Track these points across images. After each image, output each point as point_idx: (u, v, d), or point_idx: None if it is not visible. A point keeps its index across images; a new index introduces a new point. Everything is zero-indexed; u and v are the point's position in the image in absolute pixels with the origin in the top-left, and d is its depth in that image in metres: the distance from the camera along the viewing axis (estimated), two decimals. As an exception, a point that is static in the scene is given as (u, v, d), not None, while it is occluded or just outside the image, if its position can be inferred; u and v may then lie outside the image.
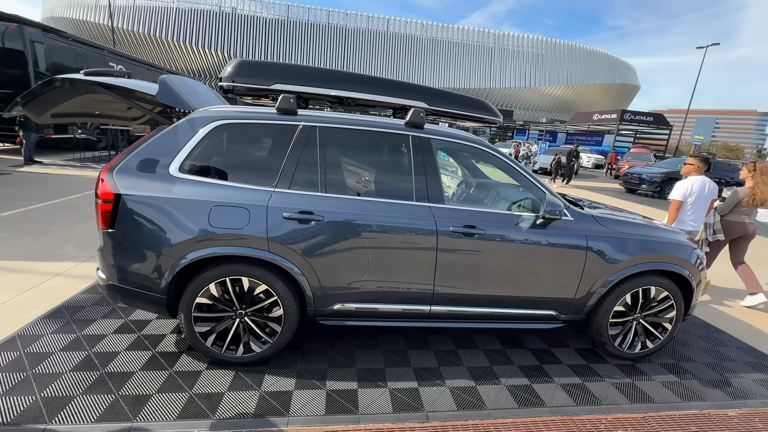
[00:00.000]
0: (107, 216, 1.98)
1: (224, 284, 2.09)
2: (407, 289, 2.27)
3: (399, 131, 2.30)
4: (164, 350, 2.31)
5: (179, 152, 2.10)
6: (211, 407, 1.88)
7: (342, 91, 2.38)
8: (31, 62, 9.50)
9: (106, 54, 12.41)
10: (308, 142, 2.20)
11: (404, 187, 2.31)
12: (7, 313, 2.57)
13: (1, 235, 3.94)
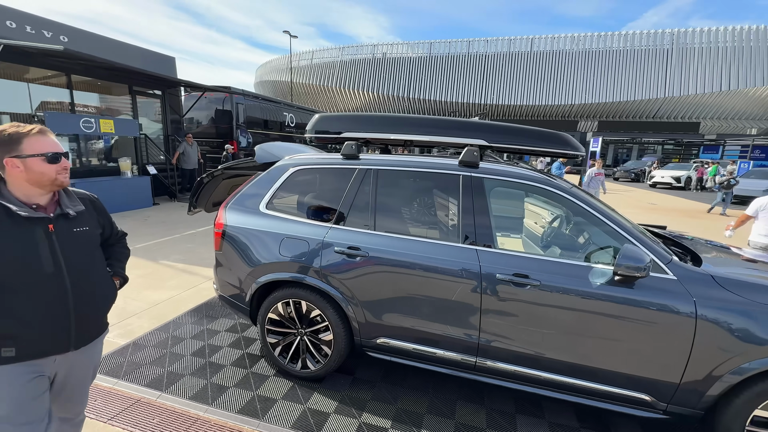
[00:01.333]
0: (217, 240, 2.64)
1: (289, 305, 2.46)
2: (449, 334, 2.16)
3: (449, 171, 2.28)
4: (251, 352, 2.83)
5: (267, 192, 2.62)
6: (263, 409, 2.21)
7: (401, 134, 2.53)
8: (235, 118, 13.07)
9: (281, 106, 15.98)
10: (363, 183, 2.41)
11: (451, 228, 2.25)
12: (174, 304, 3.61)
13: (189, 245, 5.54)
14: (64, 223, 1.33)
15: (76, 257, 1.34)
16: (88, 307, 1.36)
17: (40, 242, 1.26)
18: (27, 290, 1.23)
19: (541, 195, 2.23)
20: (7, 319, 1.21)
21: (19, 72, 7.45)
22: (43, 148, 1.25)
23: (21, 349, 1.23)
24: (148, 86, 9.75)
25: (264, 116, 14.73)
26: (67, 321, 1.30)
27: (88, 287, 1.36)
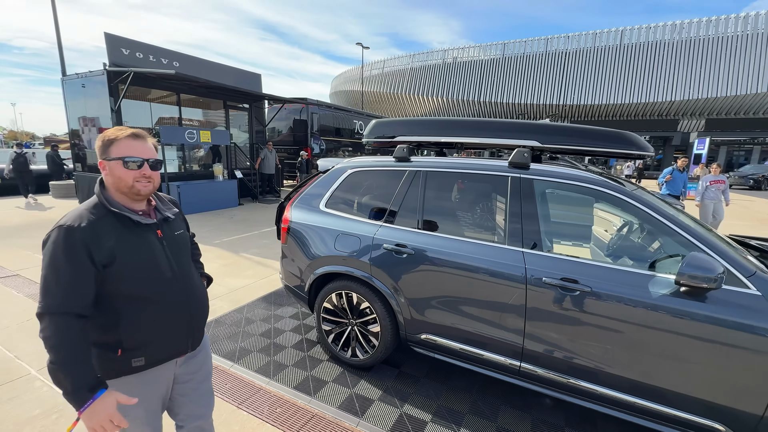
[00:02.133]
0: (283, 235, 2.96)
1: (342, 296, 2.66)
2: (492, 336, 2.15)
3: (498, 172, 2.28)
4: (309, 338, 3.10)
5: (327, 192, 2.88)
6: (315, 388, 2.43)
7: (451, 137, 2.59)
8: (309, 126, 14.13)
9: (351, 114, 16.83)
10: (413, 184, 2.52)
11: (497, 229, 2.24)
12: (249, 291, 4.10)
13: (266, 241, 6.18)
14: (167, 228, 1.31)
15: (182, 260, 1.33)
16: (199, 307, 1.36)
17: (156, 248, 1.24)
18: (155, 298, 1.22)
19: (597, 198, 2.10)
20: (139, 330, 1.19)
21: (143, 93, 9.07)
22: (124, 152, 1.16)
23: (149, 356, 1.22)
24: (239, 101, 11.08)
25: (336, 124, 15.66)
26: (186, 324, 1.31)
27: (195, 289, 1.36)
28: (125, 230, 1.17)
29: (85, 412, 1.03)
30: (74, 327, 1.06)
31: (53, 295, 1.05)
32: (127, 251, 1.15)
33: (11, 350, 2.76)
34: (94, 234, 1.10)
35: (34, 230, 6.54)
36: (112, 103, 7.82)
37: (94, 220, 1.12)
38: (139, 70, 7.34)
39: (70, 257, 1.06)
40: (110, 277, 1.13)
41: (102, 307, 1.14)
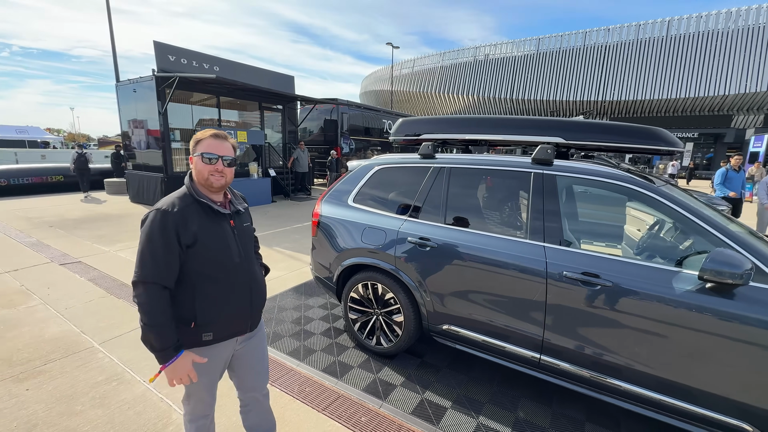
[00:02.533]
0: (314, 228, 3.14)
1: (367, 287, 2.80)
2: (512, 328, 2.20)
3: (521, 168, 2.32)
4: (337, 327, 3.27)
5: (355, 188, 3.02)
6: (342, 372, 2.59)
7: (475, 135, 2.65)
8: (340, 126, 14.44)
9: (380, 114, 17.00)
10: (437, 180, 2.61)
11: (519, 224, 2.29)
12: (281, 282, 4.34)
13: (297, 236, 6.46)
14: (238, 219, 1.47)
15: (248, 249, 1.49)
16: (259, 293, 1.51)
17: (229, 235, 1.40)
18: (224, 279, 1.37)
19: (623, 194, 2.09)
20: (210, 306, 1.34)
21: (185, 97, 9.68)
22: (205, 149, 1.35)
23: (217, 332, 1.38)
24: (273, 102, 11.54)
25: (365, 124, 15.89)
26: (249, 305, 1.46)
27: (256, 275, 1.52)
28: (206, 217, 1.35)
29: (168, 368, 1.26)
30: (163, 296, 1.26)
31: (147, 267, 1.24)
32: (206, 235, 1.33)
33: (77, 326, 3.13)
34: (182, 218, 1.28)
35: (92, 222, 7.20)
36: (159, 106, 8.43)
37: (183, 206, 1.31)
38: (183, 75, 7.87)
39: (162, 236, 1.25)
40: (191, 256, 1.31)
41: (182, 284, 1.32)
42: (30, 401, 2.21)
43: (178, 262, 1.29)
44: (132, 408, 2.18)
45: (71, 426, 2.03)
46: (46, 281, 4.09)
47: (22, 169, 10.99)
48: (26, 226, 6.70)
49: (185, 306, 1.33)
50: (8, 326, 3.09)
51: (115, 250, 5.40)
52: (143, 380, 2.43)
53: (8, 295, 3.69)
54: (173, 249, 1.26)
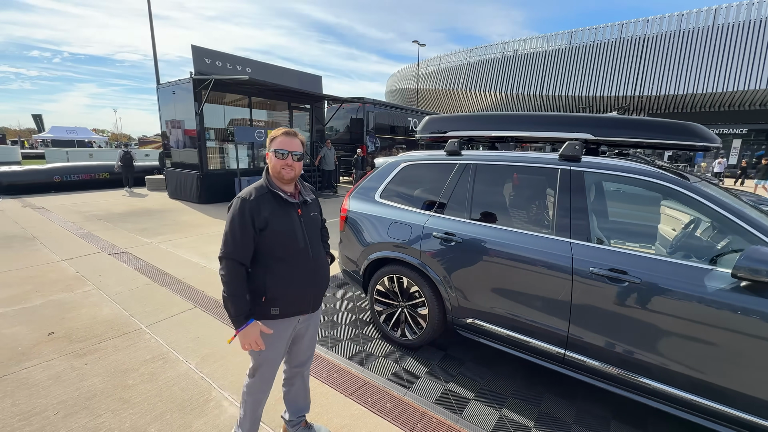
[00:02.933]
0: (341, 223, 3.26)
1: (393, 280, 2.89)
2: (536, 323, 2.22)
3: (548, 165, 2.32)
4: (362, 318, 3.38)
5: (382, 184, 3.11)
6: (368, 361, 2.69)
7: (502, 132, 2.67)
8: (365, 124, 14.60)
9: (406, 112, 17.02)
10: (463, 176, 2.66)
11: (545, 220, 2.29)
12: (309, 274, 4.51)
13: (323, 232, 6.64)
14: (305, 209, 1.63)
15: (313, 236, 1.64)
16: (322, 277, 1.67)
17: (296, 222, 1.56)
18: (290, 260, 1.54)
19: (656, 192, 2.06)
20: (278, 284, 1.52)
21: (218, 98, 10.12)
22: (278, 145, 1.52)
23: (283, 308, 1.55)
24: (301, 101, 11.84)
25: (391, 122, 15.96)
26: (312, 287, 1.61)
27: (321, 261, 1.67)
28: (277, 205, 1.53)
29: (241, 332, 1.48)
30: (239, 271, 1.49)
31: (229, 245, 1.47)
32: (276, 221, 1.51)
33: (126, 309, 3.41)
34: (257, 206, 1.49)
35: (135, 216, 7.71)
36: (196, 106, 8.88)
37: (258, 195, 1.51)
38: (219, 77, 8.25)
39: (240, 220, 1.47)
40: (263, 239, 1.50)
41: (256, 263, 1.54)
42: (89, 374, 2.46)
43: (252, 243, 1.49)
44: (177, 384, 2.38)
45: (125, 397, 2.24)
46: (97, 269, 4.46)
47: (73, 167, 11.88)
48: (78, 219, 7.27)
49: (258, 282, 1.53)
50: (67, 308, 3.41)
51: (156, 242, 5.78)
52: (186, 360, 2.64)
53: (66, 281, 4.06)
54: (248, 231, 1.47)
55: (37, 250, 5.20)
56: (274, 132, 1.57)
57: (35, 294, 3.70)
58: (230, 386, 2.37)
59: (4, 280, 4.04)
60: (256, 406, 1.71)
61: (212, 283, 4.12)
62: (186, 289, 3.92)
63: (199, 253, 5.21)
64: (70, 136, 36.71)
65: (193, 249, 5.43)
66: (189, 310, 3.44)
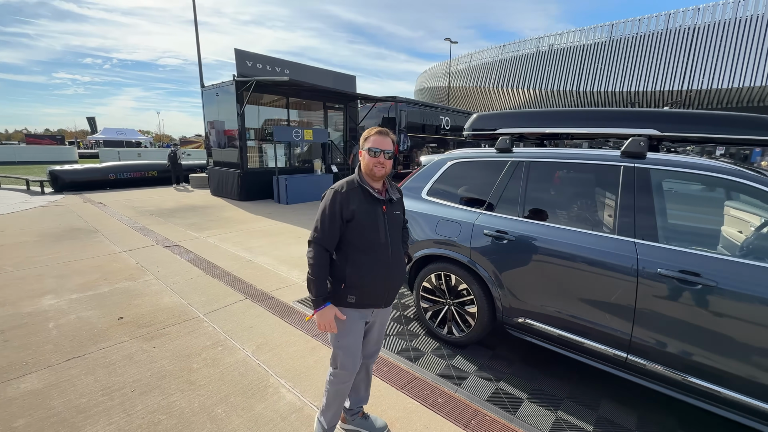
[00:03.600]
0: (388, 220, 3.30)
1: (440, 277, 2.89)
2: (596, 325, 2.16)
3: (609, 162, 2.25)
4: (407, 315, 3.41)
5: (429, 181, 3.13)
6: (415, 356, 2.72)
7: (558, 128, 2.60)
8: (398, 123, 14.62)
9: (437, 110, 16.88)
10: (515, 174, 2.62)
11: (606, 219, 2.22)
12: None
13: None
14: (390, 206, 1.69)
15: (394, 234, 1.70)
16: (398, 274, 1.71)
17: (379, 217, 1.63)
18: (371, 253, 1.61)
19: (728, 188, 1.95)
20: (357, 273, 1.60)
21: (256, 99, 10.49)
22: (371, 144, 1.61)
23: (358, 298, 1.62)
24: (335, 101, 12.05)
25: (422, 121, 15.90)
26: (387, 282, 1.66)
27: (398, 259, 1.71)
28: (364, 199, 1.62)
29: (318, 313, 1.61)
30: (324, 256, 1.61)
31: (318, 231, 1.60)
32: (362, 214, 1.59)
33: (184, 299, 3.63)
34: (346, 198, 1.59)
35: (183, 212, 8.17)
36: (237, 108, 9.26)
37: (349, 189, 1.61)
38: (260, 79, 8.56)
39: (330, 209, 1.58)
40: (349, 229, 1.60)
41: (340, 251, 1.65)
42: (157, 357, 2.65)
43: (338, 232, 1.60)
44: (236, 370, 2.51)
45: (191, 379, 2.40)
46: (154, 260, 4.77)
47: (125, 165, 12.73)
48: (132, 214, 7.80)
49: (339, 268, 1.64)
50: (132, 295, 3.68)
51: (204, 236, 6.09)
52: (242, 348, 2.78)
53: (128, 270, 4.38)
54: (336, 220, 1.58)
55: (99, 241, 5.63)
56: (367, 132, 1.65)
57: (103, 282, 4.02)
58: (286, 374, 2.48)
59: (76, 268, 4.42)
60: (338, 397, 1.77)
61: (259, 276, 4.29)
62: (236, 281, 4.11)
63: (244, 248, 5.45)
64: (120, 137, 39.38)
65: (238, 244, 5.68)
66: (240, 301, 3.61)
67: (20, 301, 3.50)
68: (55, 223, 6.82)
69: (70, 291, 3.75)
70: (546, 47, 41.57)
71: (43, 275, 4.17)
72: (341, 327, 1.66)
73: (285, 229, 6.70)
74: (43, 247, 5.24)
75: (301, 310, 3.42)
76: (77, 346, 2.75)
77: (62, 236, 5.87)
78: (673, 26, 33.72)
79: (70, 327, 3.03)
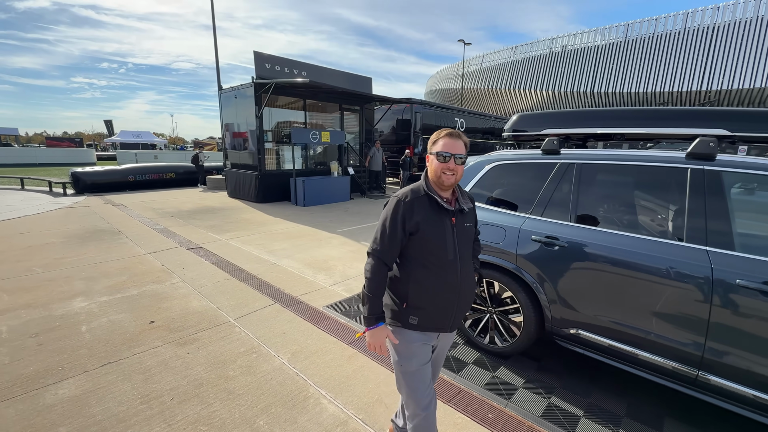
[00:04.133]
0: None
1: (481, 284, 2.77)
2: (660, 339, 2.01)
3: (674, 164, 2.10)
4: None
5: (468, 184, 3.01)
6: (458, 367, 2.60)
7: (610, 129, 2.47)
8: (413, 124, 14.52)
9: (452, 112, 16.74)
10: (565, 177, 2.49)
11: (672, 226, 2.08)
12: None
13: (381, 233, 6.64)
14: (460, 218, 1.47)
15: (464, 249, 1.48)
16: (466, 295, 1.50)
17: (448, 231, 1.42)
18: (436, 271, 1.42)
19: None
20: (420, 293, 1.42)
21: (272, 101, 10.50)
22: (440, 148, 1.42)
23: (421, 320, 1.44)
24: (352, 103, 12.00)
25: (438, 123, 15.75)
26: (454, 305, 1.46)
27: (468, 277, 1.50)
28: (431, 210, 1.43)
29: (369, 332, 1.46)
30: (382, 271, 1.45)
31: (377, 243, 1.45)
32: (427, 226, 1.41)
33: (213, 302, 3.58)
34: (410, 208, 1.41)
35: (202, 214, 8.18)
36: (256, 110, 9.27)
37: (414, 198, 1.43)
38: (280, 81, 8.56)
39: (391, 220, 1.42)
40: (412, 243, 1.43)
41: (402, 266, 1.47)
42: (192, 363, 2.58)
43: (399, 245, 1.43)
44: (274, 378, 2.43)
45: (229, 388, 2.32)
46: (179, 262, 4.75)
47: (144, 167, 12.89)
48: (153, 216, 7.84)
49: (402, 286, 1.47)
50: (161, 298, 3.64)
51: (226, 239, 6.07)
52: (277, 355, 2.70)
53: (155, 273, 4.36)
54: (397, 233, 1.41)
55: (123, 243, 5.65)
56: (436, 134, 1.47)
57: (131, 284, 3.99)
58: (325, 383, 2.38)
59: (103, 270, 4.41)
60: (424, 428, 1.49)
61: (285, 279, 4.22)
62: (263, 285, 4.05)
63: (267, 251, 5.40)
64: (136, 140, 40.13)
65: (261, 246, 5.63)
66: (270, 305, 3.54)
67: (51, 303, 3.49)
68: (79, 224, 6.88)
69: (99, 293, 3.73)
70: (559, 48, 41.08)
71: (72, 277, 4.17)
72: (404, 350, 1.48)
73: (305, 232, 6.64)
74: (69, 249, 5.27)
75: (333, 317, 3.34)
76: (111, 351, 2.70)
77: (87, 237, 5.91)
78: (691, 25, 33.01)
79: (103, 330, 2.99)
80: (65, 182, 11.08)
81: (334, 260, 4.97)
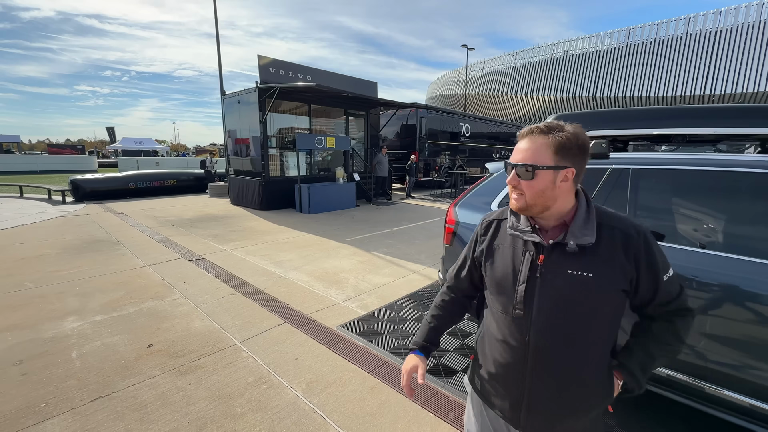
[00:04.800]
0: (449, 236, 2.91)
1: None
2: (759, 377, 1.70)
3: (759, 169, 1.81)
4: (468, 344, 2.98)
5: (498, 194, 2.72)
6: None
7: (664, 129, 2.18)
8: (418, 130, 14.30)
9: (457, 117, 16.53)
10: (618, 184, 2.20)
11: (757, 241, 1.78)
12: (392, 289, 4.19)
13: (390, 241, 6.34)
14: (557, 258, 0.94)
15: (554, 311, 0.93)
16: (547, 392, 0.95)
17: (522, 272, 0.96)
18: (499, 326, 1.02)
19: None
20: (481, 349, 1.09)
21: (276, 106, 10.27)
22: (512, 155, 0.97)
23: (480, 387, 1.10)
24: (357, 108, 11.78)
25: (443, 128, 15.56)
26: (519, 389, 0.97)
27: (550, 361, 0.94)
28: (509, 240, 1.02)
29: (407, 357, 1.19)
30: (443, 298, 1.24)
31: (449, 267, 1.23)
32: (495, 258, 1.05)
33: (217, 322, 3.27)
34: (486, 229, 1.11)
35: (204, 222, 7.90)
36: (260, 115, 9.03)
37: (495, 218, 1.11)
38: (285, 85, 8.33)
39: (468, 243, 1.19)
40: (484, 278, 1.09)
41: (481, 306, 1.18)
42: (194, 397, 2.27)
43: (468, 275, 1.18)
44: (288, 417, 2.12)
45: (237, 428, 2.02)
46: (181, 275, 4.45)
47: (145, 174, 12.65)
48: (154, 224, 7.56)
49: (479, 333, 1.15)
50: (161, 318, 3.34)
51: (229, 249, 5.78)
52: (290, 386, 2.39)
53: (154, 288, 4.06)
54: (466, 259, 1.19)
55: (122, 254, 5.36)
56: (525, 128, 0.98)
57: (128, 301, 3.69)
58: (347, 423, 2.07)
59: (99, 285, 4.12)
60: None
61: (294, 294, 3.92)
62: (270, 301, 3.75)
63: (273, 262, 5.10)
64: (138, 147, 40.08)
65: (266, 257, 5.33)
66: (279, 325, 3.23)
67: (40, 323, 3.19)
68: (77, 234, 6.60)
69: (93, 312, 3.43)
70: (560, 53, 41.12)
71: (65, 293, 3.87)
72: (466, 411, 1.21)
73: (312, 241, 6.34)
74: (64, 261, 4.98)
75: (349, 338, 3.03)
76: (104, 382, 2.40)
77: (84, 248, 5.62)
78: (693, 30, 32.99)
79: (95, 357, 2.69)
80: (64, 190, 10.84)
81: (344, 272, 4.67)
